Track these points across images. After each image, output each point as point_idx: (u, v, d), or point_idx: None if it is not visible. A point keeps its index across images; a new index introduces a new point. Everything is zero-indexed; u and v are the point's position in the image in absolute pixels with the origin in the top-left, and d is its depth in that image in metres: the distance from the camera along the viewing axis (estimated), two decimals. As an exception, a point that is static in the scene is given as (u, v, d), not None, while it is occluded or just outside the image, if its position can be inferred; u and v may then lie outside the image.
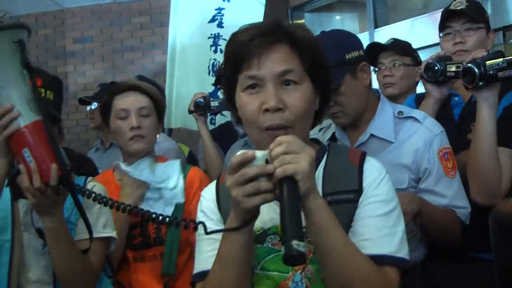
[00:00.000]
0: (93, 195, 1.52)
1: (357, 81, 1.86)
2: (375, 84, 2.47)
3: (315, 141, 1.37)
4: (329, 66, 1.30)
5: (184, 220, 1.22)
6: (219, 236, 1.19)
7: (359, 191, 1.23)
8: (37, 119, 1.52)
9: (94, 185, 1.86)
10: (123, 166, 2.09)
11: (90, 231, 1.69)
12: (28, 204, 1.77)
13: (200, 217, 1.34)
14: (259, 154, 1.06)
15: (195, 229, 1.23)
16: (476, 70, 1.84)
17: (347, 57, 1.83)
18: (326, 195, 1.22)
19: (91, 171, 2.50)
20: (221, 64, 3.36)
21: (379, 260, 1.17)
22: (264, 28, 1.23)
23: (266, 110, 1.18)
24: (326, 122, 2.02)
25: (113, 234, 1.88)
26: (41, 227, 1.66)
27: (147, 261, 2.05)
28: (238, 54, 1.23)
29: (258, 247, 1.26)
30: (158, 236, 2.05)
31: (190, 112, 3.12)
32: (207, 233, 1.18)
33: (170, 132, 3.93)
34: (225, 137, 3.07)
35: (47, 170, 1.52)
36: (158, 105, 2.16)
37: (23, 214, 1.78)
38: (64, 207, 1.67)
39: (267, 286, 1.24)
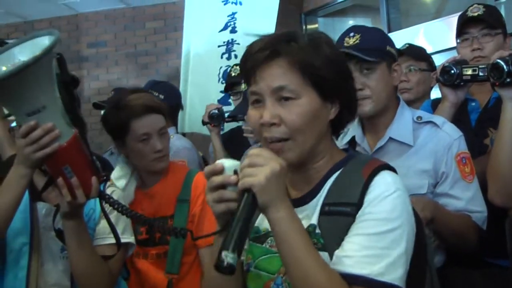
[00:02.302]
0: (116, 205, 1.57)
1: (389, 75, 1.87)
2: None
3: (345, 150, 1.35)
4: (336, 76, 1.25)
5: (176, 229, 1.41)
6: None
7: (358, 205, 1.17)
8: (73, 132, 1.53)
9: (113, 190, 1.88)
10: None
11: (117, 239, 1.70)
12: (47, 207, 1.78)
13: None
14: (229, 164, 1.14)
15: (184, 236, 1.39)
16: (505, 67, 1.82)
17: (387, 48, 1.86)
18: (324, 205, 1.22)
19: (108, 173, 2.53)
20: (229, 71, 3.38)
21: (352, 280, 1.11)
22: (266, 41, 1.22)
23: (262, 124, 1.20)
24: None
25: (131, 239, 1.89)
26: (61, 228, 1.67)
27: (149, 258, 2.10)
28: (243, 69, 1.26)
29: (257, 246, 1.30)
30: (163, 236, 2.09)
31: (204, 123, 3.13)
32: (193, 239, 1.31)
33: (183, 136, 3.94)
34: (235, 141, 3.09)
35: (88, 184, 1.55)
36: (166, 118, 2.20)
37: (42, 217, 1.79)
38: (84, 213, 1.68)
39: (257, 284, 1.28)
